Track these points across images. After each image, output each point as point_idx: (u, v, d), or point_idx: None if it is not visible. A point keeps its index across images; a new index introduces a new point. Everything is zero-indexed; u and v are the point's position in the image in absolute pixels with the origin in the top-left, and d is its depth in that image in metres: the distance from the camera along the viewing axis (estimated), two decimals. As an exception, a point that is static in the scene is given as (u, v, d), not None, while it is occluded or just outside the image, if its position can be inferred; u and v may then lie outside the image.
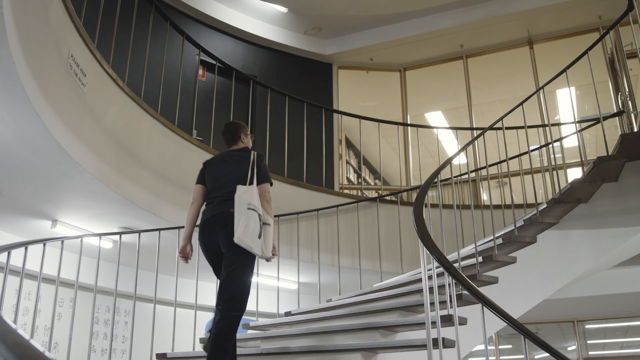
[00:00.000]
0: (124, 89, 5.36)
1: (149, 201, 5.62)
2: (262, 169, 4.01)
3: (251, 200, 3.74)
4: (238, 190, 3.77)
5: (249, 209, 3.71)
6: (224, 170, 4.05)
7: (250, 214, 3.69)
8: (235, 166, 4.02)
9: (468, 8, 9.59)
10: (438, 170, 4.34)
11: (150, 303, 6.68)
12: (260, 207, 3.80)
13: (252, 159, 3.99)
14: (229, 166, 4.06)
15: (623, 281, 7.49)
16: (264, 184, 3.96)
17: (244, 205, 3.70)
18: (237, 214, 3.68)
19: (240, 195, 3.75)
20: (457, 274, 2.89)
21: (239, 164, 4.02)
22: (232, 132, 4.28)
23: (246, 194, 3.76)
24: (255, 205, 3.74)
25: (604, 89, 9.21)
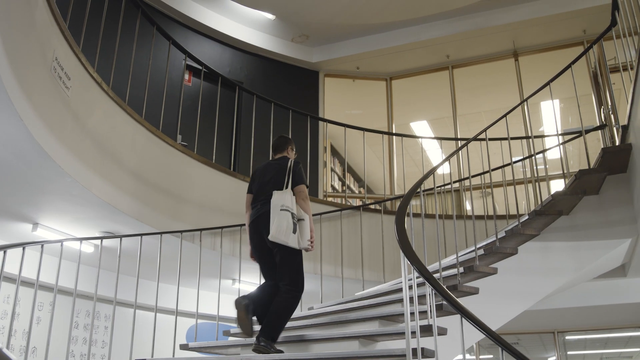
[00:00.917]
0: (109, 93, 5.34)
1: (132, 206, 5.59)
2: (297, 174, 4.60)
3: (284, 202, 4.36)
4: (273, 195, 4.41)
5: (282, 210, 4.32)
6: (265, 178, 4.68)
7: (283, 214, 4.30)
8: (273, 174, 4.64)
9: (454, 19, 9.66)
10: (420, 181, 4.36)
11: (130, 308, 6.64)
12: (295, 207, 4.40)
13: (288, 166, 4.62)
14: (268, 174, 4.68)
15: (603, 293, 7.54)
16: (299, 185, 4.54)
17: (278, 207, 4.33)
18: (272, 216, 4.32)
19: (274, 199, 4.39)
20: (437, 285, 2.90)
21: (277, 171, 4.64)
22: (281, 143, 4.94)
23: (279, 198, 4.39)
24: (289, 206, 4.35)
25: (587, 102, 9.30)
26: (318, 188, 9.69)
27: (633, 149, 4.93)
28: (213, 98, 7.49)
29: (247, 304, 4.20)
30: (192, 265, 6.35)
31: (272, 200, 4.39)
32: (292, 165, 4.63)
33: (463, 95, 10.36)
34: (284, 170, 4.61)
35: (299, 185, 4.55)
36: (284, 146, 4.92)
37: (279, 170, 4.63)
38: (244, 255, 6.61)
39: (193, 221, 6.26)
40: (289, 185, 4.50)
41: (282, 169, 4.63)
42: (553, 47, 9.89)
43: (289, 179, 4.54)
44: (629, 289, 7.54)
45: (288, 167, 4.61)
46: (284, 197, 4.39)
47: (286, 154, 4.88)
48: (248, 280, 7.25)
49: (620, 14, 5.23)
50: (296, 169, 4.62)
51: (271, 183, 4.58)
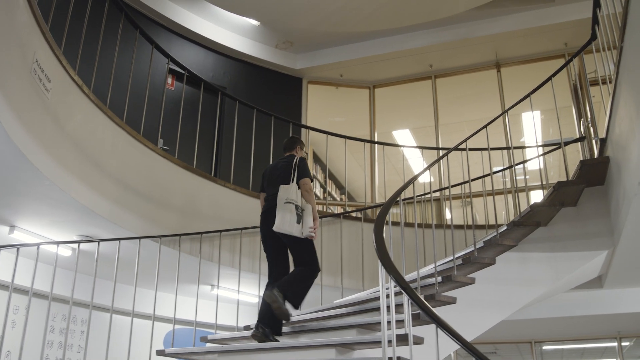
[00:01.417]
0: (89, 95, 5.30)
1: (111, 210, 5.55)
2: (301, 168, 5.01)
3: (289, 195, 4.80)
4: (280, 190, 4.86)
5: (286, 202, 4.77)
6: (274, 175, 5.14)
7: (287, 207, 4.75)
8: (281, 170, 5.09)
9: (438, 29, 9.73)
10: (399, 191, 4.38)
11: (107, 312, 6.59)
12: (299, 199, 4.83)
13: (294, 162, 5.04)
14: (277, 171, 5.14)
15: (580, 304, 7.60)
16: (303, 179, 4.96)
17: (282, 200, 4.78)
18: (277, 209, 4.76)
19: (280, 193, 4.83)
20: (413, 295, 2.91)
21: (284, 168, 5.08)
22: (291, 143, 5.42)
23: (285, 192, 4.84)
24: (293, 199, 4.79)
25: (568, 114, 9.40)
26: (299, 195, 9.66)
27: (611, 161, 4.98)
28: (196, 102, 7.46)
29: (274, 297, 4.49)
30: (170, 270, 6.32)
31: (279, 194, 4.84)
32: (298, 161, 5.06)
33: (445, 104, 10.42)
34: (290, 167, 5.04)
35: (303, 178, 4.96)
36: (293, 145, 5.39)
37: (286, 167, 5.08)
38: (224, 261, 6.60)
39: (173, 226, 6.23)
40: (294, 179, 4.93)
41: (289, 165, 5.07)
42: (535, 59, 9.98)
43: (294, 174, 4.97)
44: (606, 300, 7.61)
45: (294, 164, 5.04)
46: (289, 191, 4.84)
47: (294, 153, 5.33)
48: (227, 286, 7.23)
49: (600, 28, 5.29)
50: (301, 165, 5.04)
51: (280, 179, 5.02)
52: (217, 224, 6.57)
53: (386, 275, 3.22)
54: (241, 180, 7.43)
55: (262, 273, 6.73)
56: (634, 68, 3.66)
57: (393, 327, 3.15)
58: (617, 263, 5.63)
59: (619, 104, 4.37)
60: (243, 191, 7.00)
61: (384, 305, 3.26)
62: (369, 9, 8.96)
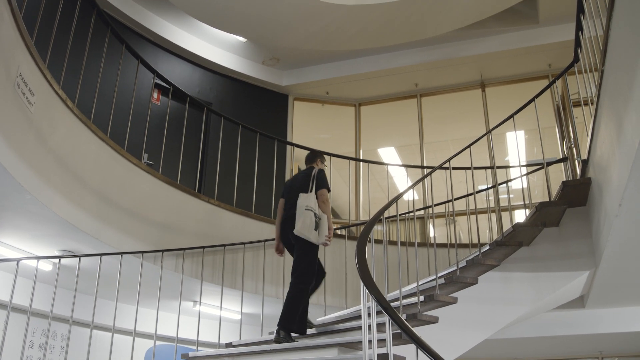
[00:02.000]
0: (73, 110, 5.28)
1: (93, 225, 5.51)
2: (319, 180, 5.40)
3: (308, 203, 5.17)
4: (299, 197, 5.23)
5: (306, 209, 5.13)
6: (294, 185, 5.51)
7: (307, 214, 5.10)
8: (301, 181, 5.47)
9: (423, 49, 9.80)
10: (382, 210, 4.39)
11: (87, 328, 6.52)
12: (317, 208, 5.19)
13: (313, 174, 5.43)
14: (297, 182, 5.52)
15: (562, 324, 7.61)
16: (320, 189, 5.33)
17: (303, 207, 5.14)
18: (298, 214, 5.14)
19: (300, 201, 5.20)
20: (394, 314, 2.91)
21: (304, 178, 5.47)
22: (311, 156, 5.89)
23: (304, 199, 5.20)
24: (312, 207, 5.15)
25: (552, 134, 9.47)
26: (284, 211, 9.65)
27: (592, 183, 5.02)
28: (181, 118, 7.46)
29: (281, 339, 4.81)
30: (152, 285, 6.27)
31: (298, 201, 5.20)
32: (316, 173, 5.46)
33: (430, 123, 10.48)
34: (309, 177, 5.43)
35: (321, 189, 5.34)
36: (313, 159, 5.84)
37: (306, 177, 5.46)
38: (206, 278, 6.56)
39: (155, 242, 6.19)
40: (312, 189, 5.30)
41: (308, 176, 5.46)
42: (519, 80, 10.08)
43: (313, 184, 5.35)
44: (588, 320, 7.63)
45: (313, 175, 5.43)
46: (308, 199, 5.21)
47: (314, 165, 5.76)
48: (209, 302, 7.18)
49: (583, 51, 5.35)
50: (319, 176, 5.43)
51: (299, 188, 5.38)
52: (199, 240, 6.54)
53: (368, 295, 3.22)
54: (225, 196, 7.42)
55: (245, 290, 6.71)
56: (614, 91, 3.70)
57: (374, 347, 3.15)
58: (598, 283, 5.65)
59: (600, 126, 4.41)
60: (227, 207, 6.98)
61: (365, 324, 3.25)
62: (355, 29, 9.02)
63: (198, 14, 8.61)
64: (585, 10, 4.92)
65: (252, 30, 9.08)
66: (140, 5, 8.86)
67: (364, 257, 3.49)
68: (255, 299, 6.91)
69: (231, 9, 8.40)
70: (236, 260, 6.79)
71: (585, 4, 4.89)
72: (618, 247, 4.64)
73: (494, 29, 9.39)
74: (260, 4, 8.31)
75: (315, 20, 8.72)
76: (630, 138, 3.27)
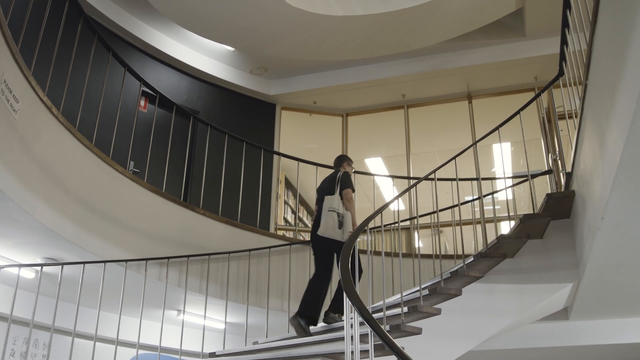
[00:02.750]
0: (58, 117, 5.25)
1: (76, 233, 5.47)
2: (343, 181, 5.86)
3: (332, 204, 5.67)
4: (325, 200, 5.74)
5: (329, 211, 5.64)
6: (323, 188, 6.02)
7: (330, 215, 5.61)
8: (327, 185, 5.98)
9: (411, 60, 9.85)
10: (367, 221, 4.40)
11: (70, 336, 6.47)
12: (341, 208, 5.67)
13: (337, 176, 5.93)
14: (325, 184, 6.03)
15: (546, 336, 7.63)
16: (344, 190, 5.78)
17: (326, 209, 5.68)
18: (322, 216, 5.65)
19: (325, 203, 5.72)
20: (376, 326, 2.91)
21: (330, 182, 5.99)
22: (338, 160, 6.31)
23: (329, 202, 5.71)
24: (335, 207, 5.65)
25: (538, 147, 9.53)
26: (270, 221, 9.65)
27: (576, 195, 5.04)
28: (168, 126, 7.44)
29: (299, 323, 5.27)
30: (136, 294, 6.23)
31: (324, 204, 5.71)
32: (341, 175, 5.93)
33: (417, 134, 10.52)
34: (334, 180, 5.92)
35: (345, 189, 5.78)
36: (340, 163, 6.27)
37: (331, 180, 5.98)
38: (190, 287, 6.53)
39: (139, 250, 6.16)
40: (337, 191, 5.77)
41: (333, 179, 5.96)
42: (506, 92, 10.14)
43: (338, 186, 5.81)
44: (571, 332, 7.65)
45: (337, 177, 5.91)
46: (332, 201, 5.69)
47: (341, 169, 6.16)
48: (194, 311, 7.15)
49: (567, 65, 5.40)
50: (343, 178, 5.90)
51: (326, 191, 5.90)
52: (184, 249, 6.52)
53: (351, 306, 3.22)
54: (211, 205, 7.40)
55: (230, 299, 6.68)
56: (597, 105, 3.73)
57: (357, 357, 3.14)
58: (582, 295, 5.68)
59: (583, 140, 4.45)
60: (212, 216, 6.96)
61: (348, 335, 3.25)
62: (342, 39, 9.05)
63: (186, 23, 8.61)
64: (570, 24, 4.96)
65: (239, 39, 9.09)
66: (129, 13, 8.85)
67: (347, 268, 3.49)
68: (239, 309, 6.89)
69: (219, 18, 8.41)
70: (221, 269, 6.77)
71: (570, 18, 4.93)
72: (601, 259, 4.66)
73: (481, 41, 9.45)
74: (248, 13, 8.32)
75: (303, 30, 8.74)
76: (612, 152, 3.30)
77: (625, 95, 2.87)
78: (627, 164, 3.18)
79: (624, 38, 2.81)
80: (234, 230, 7.12)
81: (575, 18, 4.55)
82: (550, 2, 8.02)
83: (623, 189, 3.49)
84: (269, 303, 6.83)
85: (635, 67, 2.64)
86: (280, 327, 6.95)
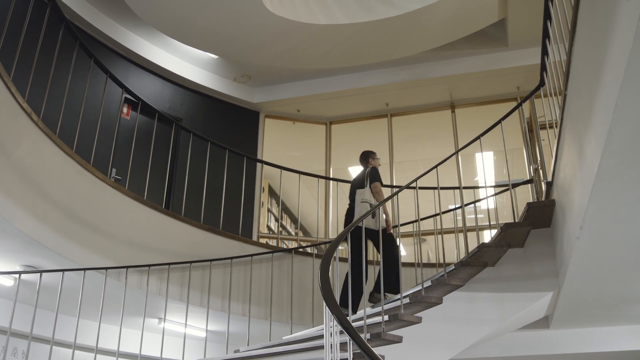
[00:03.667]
0: (38, 124, 5.21)
1: (56, 240, 5.42)
2: (371, 175, 6.48)
3: (363, 197, 6.26)
4: (356, 193, 6.37)
5: (361, 202, 6.23)
6: (354, 184, 6.67)
7: (362, 206, 6.20)
8: (358, 180, 6.64)
9: (394, 69, 9.89)
10: (348, 229, 4.40)
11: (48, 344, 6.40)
12: (372, 199, 6.23)
13: (366, 171, 6.58)
14: (355, 181, 6.69)
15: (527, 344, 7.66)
16: (373, 183, 6.38)
17: (359, 201, 6.29)
18: (355, 209, 6.27)
19: (357, 196, 6.34)
20: (355, 334, 2.91)
21: (360, 177, 6.65)
22: (363, 157, 6.87)
23: (360, 195, 6.32)
24: (367, 199, 6.23)
25: (521, 156, 9.59)
26: (253, 229, 9.63)
27: (556, 205, 5.08)
28: (151, 133, 7.41)
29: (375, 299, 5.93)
30: (116, 302, 6.18)
31: (356, 197, 6.32)
32: (369, 170, 6.56)
33: (401, 142, 10.55)
34: (364, 175, 6.56)
35: (374, 182, 6.36)
36: (366, 159, 6.82)
37: (361, 175, 6.63)
38: (172, 295, 6.49)
39: (120, 258, 6.12)
40: (367, 184, 6.36)
41: (363, 174, 6.62)
42: (489, 102, 10.20)
43: (367, 180, 6.41)
44: (552, 340, 7.69)
45: (366, 172, 6.55)
46: (364, 193, 6.27)
47: (369, 164, 6.73)
48: (175, 319, 7.10)
49: (548, 75, 5.44)
50: (371, 172, 6.51)
51: (357, 185, 6.53)
52: (165, 257, 6.48)
53: (330, 314, 3.21)
54: (193, 213, 7.37)
55: (211, 307, 6.65)
56: (576, 116, 3.77)
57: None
58: (562, 304, 5.71)
59: (563, 149, 4.48)
60: (194, 224, 6.93)
61: (327, 344, 3.24)
62: (326, 48, 9.06)
63: (168, 31, 8.59)
64: (551, 35, 5.01)
65: (223, 47, 9.08)
66: (112, 20, 8.82)
67: (327, 276, 3.49)
68: (221, 317, 6.85)
69: (202, 26, 8.40)
70: (203, 277, 6.73)
71: (551, 29, 4.98)
72: (580, 268, 4.70)
73: (464, 51, 9.51)
74: (231, 21, 8.32)
75: (286, 38, 8.75)
76: (590, 162, 3.33)
77: (603, 106, 2.90)
78: (605, 173, 3.22)
79: (601, 49, 2.84)
80: (216, 238, 7.09)
81: (556, 29, 4.59)
82: (533, 12, 8.09)
83: (601, 199, 3.52)
84: (251, 311, 6.80)
85: (612, 78, 2.67)
86: (262, 336, 6.93)
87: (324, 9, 8.57)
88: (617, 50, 2.55)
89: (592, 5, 3.02)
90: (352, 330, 2.94)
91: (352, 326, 2.98)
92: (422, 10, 8.35)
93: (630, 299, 5.72)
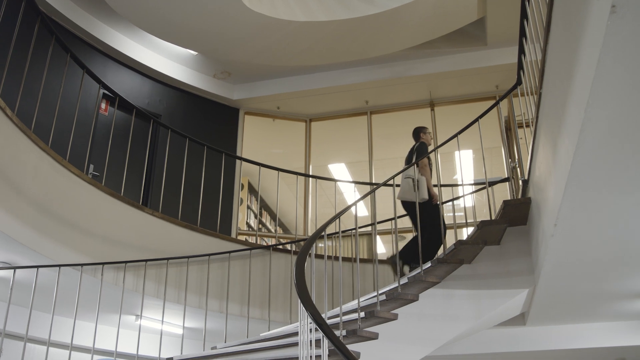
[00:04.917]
0: (12, 118, 5.16)
1: (30, 236, 5.37)
2: (418, 151, 6.78)
3: (408, 172, 6.44)
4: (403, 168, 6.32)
5: (405, 178, 6.49)
6: (406, 160, 7.00)
7: (406, 181, 6.48)
8: (408, 154, 6.97)
9: (373, 67, 9.91)
10: (324, 226, 4.41)
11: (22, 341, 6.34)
12: (415, 174, 6.36)
13: (414, 147, 6.90)
14: (407, 156, 7.01)
15: (503, 341, 7.71)
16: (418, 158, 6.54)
17: (403, 177, 6.53)
18: (401, 183, 6.51)
19: (403, 172, 6.37)
20: (329, 331, 2.91)
21: (409, 153, 6.97)
22: (416, 133, 7.13)
23: (405, 170, 6.38)
24: (410, 174, 6.42)
25: (500, 154, 9.65)
26: (232, 225, 9.60)
27: (532, 202, 5.12)
28: (129, 129, 7.35)
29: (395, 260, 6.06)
30: (92, 298, 6.13)
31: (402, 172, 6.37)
32: (417, 146, 6.86)
33: (380, 140, 10.57)
34: (412, 150, 6.87)
35: (419, 158, 6.55)
36: (417, 135, 7.08)
37: (410, 151, 6.96)
38: (148, 291, 6.45)
39: (96, 254, 6.07)
40: (412, 159, 6.67)
41: (412, 149, 6.93)
42: (468, 100, 10.25)
43: (414, 155, 6.73)
44: (529, 337, 7.75)
45: (414, 147, 6.89)
46: (409, 169, 6.41)
47: (420, 139, 7.00)
48: (151, 316, 7.06)
49: (525, 74, 5.48)
50: (419, 148, 6.82)
51: (406, 161, 6.94)
52: (142, 253, 6.44)
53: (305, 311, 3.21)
54: (170, 209, 7.32)
55: (188, 304, 6.62)
56: (550, 114, 3.80)
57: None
58: (537, 301, 5.76)
59: (539, 148, 4.52)
60: (171, 220, 6.89)
61: (302, 340, 3.24)
62: (305, 45, 9.05)
63: (146, 26, 8.51)
64: (527, 34, 5.04)
65: (202, 43, 9.03)
66: (90, 15, 8.73)
67: (302, 273, 3.48)
68: (198, 314, 6.82)
69: (180, 22, 8.35)
70: (180, 273, 6.70)
71: (527, 29, 5.01)
72: (554, 266, 4.74)
73: (444, 49, 9.55)
74: (209, 18, 8.27)
75: (265, 35, 8.73)
76: (563, 160, 3.35)
77: (575, 104, 2.93)
78: (578, 171, 3.25)
79: (573, 48, 2.86)
80: (194, 234, 7.05)
81: (532, 28, 4.62)
82: (511, 12, 8.14)
83: (574, 197, 3.55)
84: (229, 308, 6.78)
85: (584, 77, 2.69)
86: (240, 333, 6.91)
87: (303, 6, 8.56)
88: (588, 48, 2.57)
89: (565, 4, 3.04)
90: (325, 327, 2.95)
91: (325, 322, 2.98)
92: (402, 9, 8.37)
93: (605, 297, 5.79)
